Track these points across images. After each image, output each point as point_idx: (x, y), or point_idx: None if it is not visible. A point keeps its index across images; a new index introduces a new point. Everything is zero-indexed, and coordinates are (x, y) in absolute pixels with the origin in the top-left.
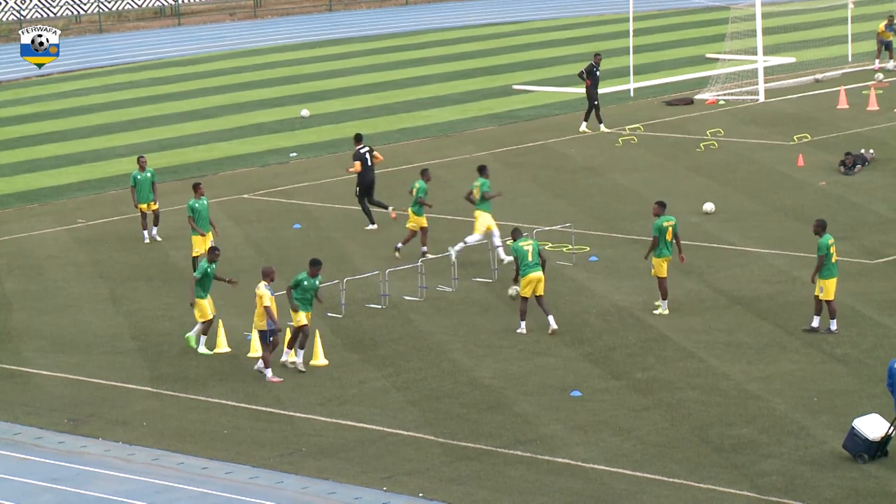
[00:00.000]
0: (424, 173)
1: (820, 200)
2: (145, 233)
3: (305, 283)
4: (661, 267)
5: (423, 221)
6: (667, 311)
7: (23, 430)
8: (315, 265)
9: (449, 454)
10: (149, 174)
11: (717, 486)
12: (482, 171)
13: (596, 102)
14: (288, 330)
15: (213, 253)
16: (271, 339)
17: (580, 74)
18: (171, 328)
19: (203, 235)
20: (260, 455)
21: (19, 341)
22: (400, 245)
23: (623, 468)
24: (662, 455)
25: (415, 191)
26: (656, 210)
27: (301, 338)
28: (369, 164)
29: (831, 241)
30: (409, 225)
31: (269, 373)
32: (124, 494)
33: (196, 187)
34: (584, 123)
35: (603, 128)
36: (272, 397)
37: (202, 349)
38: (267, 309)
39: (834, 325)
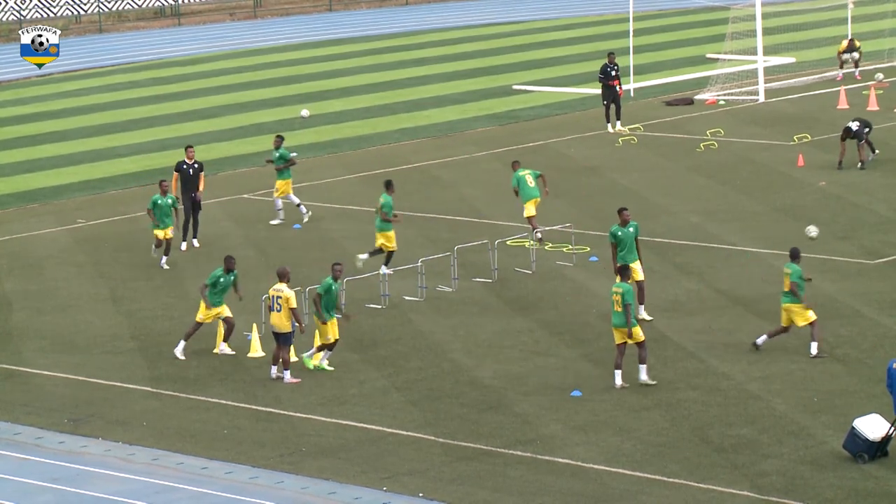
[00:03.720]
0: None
1: (820, 200)
2: (164, 258)
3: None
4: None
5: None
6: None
7: (23, 430)
8: (229, 261)
9: (449, 454)
10: (170, 200)
11: (717, 486)
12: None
13: (605, 102)
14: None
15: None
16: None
17: (601, 79)
18: (171, 328)
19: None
20: (260, 455)
21: (19, 341)
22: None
23: (623, 468)
24: (662, 455)
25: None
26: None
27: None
28: None
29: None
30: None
31: (287, 374)
32: (124, 494)
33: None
34: (619, 123)
35: (609, 128)
36: (272, 397)
37: (325, 364)
38: (294, 311)
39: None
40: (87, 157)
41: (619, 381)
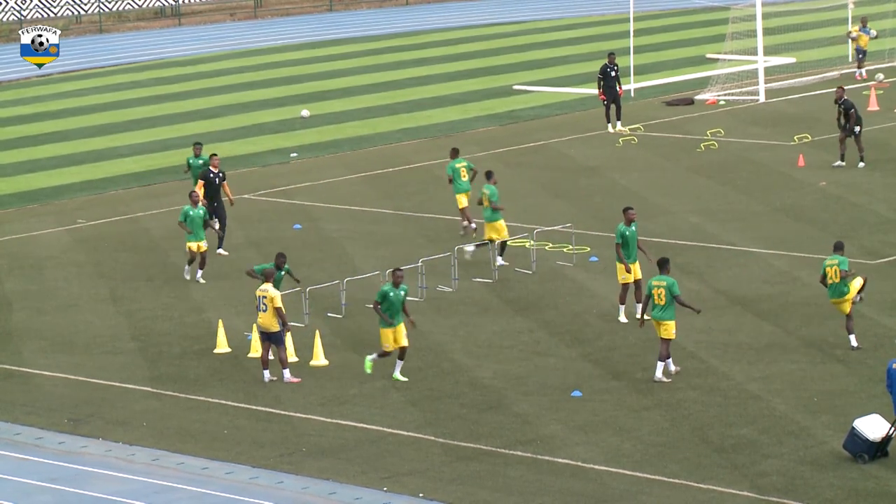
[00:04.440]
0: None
1: (820, 200)
2: (187, 268)
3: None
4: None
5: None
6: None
7: (23, 430)
8: (279, 258)
9: (449, 454)
10: (201, 211)
11: (717, 486)
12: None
13: (605, 103)
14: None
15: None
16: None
17: (600, 79)
18: (171, 328)
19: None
20: (260, 455)
21: (19, 341)
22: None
23: (623, 468)
24: (662, 455)
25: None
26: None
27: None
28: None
29: (830, 261)
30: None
31: (286, 373)
32: (124, 494)
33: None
34: (619, 123)
35: (609, 128)
36: (272, 397)
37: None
38: (279, 310)
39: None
40: (88, 158)
41: (671, 368)
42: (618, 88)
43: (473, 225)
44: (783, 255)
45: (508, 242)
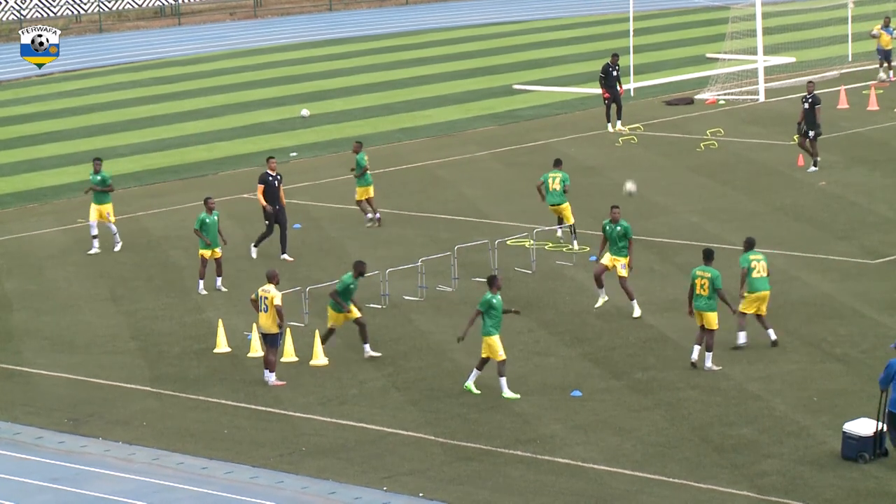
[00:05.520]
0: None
1: (820, 200)
2: (201, 283)
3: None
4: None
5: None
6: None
7: (23, 430)
8: (359, 265)
9: (449, 454)
10: (216, 216)
11: (717, 486)
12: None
13: (606, 102)
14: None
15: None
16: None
17: (601, 79)
18: (171, 328)
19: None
20: (260, 455)
21: (19, 341)
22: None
23: (623, 468)
24: (662, 455)
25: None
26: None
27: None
28: None
29: (752, 257)
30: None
31: (272, 377)
32: (124, 494)
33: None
34: (619, 122)
35: (609, 128)
36: (272, 397)
37: (507, 392)
38: (278, 309)
39: (772, 335)
40: (88, 157)
41: (695, 355)
42: (618, 88)
43: (379, 216)
44: (783, 254)
45: (510, 242)
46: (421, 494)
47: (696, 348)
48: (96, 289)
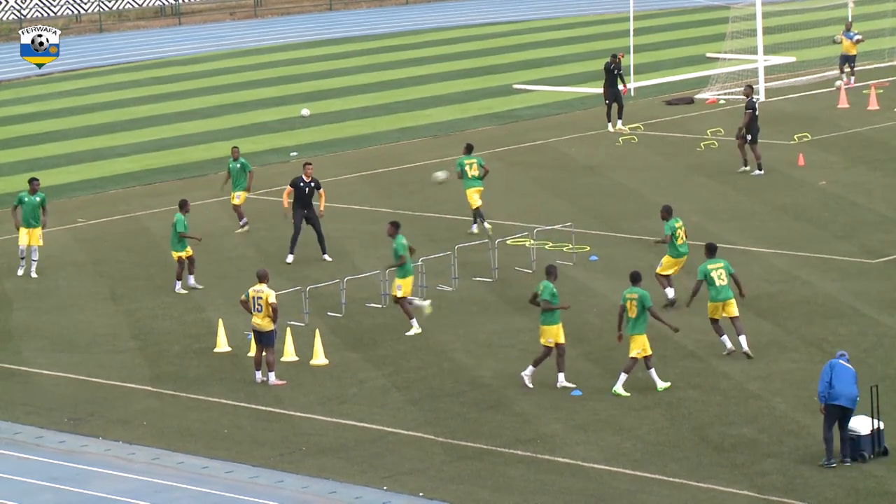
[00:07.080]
0: (184, 205)
1: (820, 200)
2: (178, 283)
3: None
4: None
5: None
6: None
7: (23, 430)
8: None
9: (449, 453)
10: (184, 219)
11: (717, 485)
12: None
13: (607, 101)
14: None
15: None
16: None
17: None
18: (171, 328)
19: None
20: (260, 454)
21: (19, 341)
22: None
23: (623, 468)
24: (662, 455)
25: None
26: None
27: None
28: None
29: (678, 223)
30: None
31: (272, 376)
32: (124, 494)
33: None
34: (619, 121)
35: (609, 127)
36: (272, 397)
37: (619, 389)
38: (273, 307)
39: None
40: (88, 157)
41: (728, 345)
42: (621, 87)
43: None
44: (783, 254)
45: (510, 242)
46: (421, 494)
47: (724, 338)
48: (96, 288)
